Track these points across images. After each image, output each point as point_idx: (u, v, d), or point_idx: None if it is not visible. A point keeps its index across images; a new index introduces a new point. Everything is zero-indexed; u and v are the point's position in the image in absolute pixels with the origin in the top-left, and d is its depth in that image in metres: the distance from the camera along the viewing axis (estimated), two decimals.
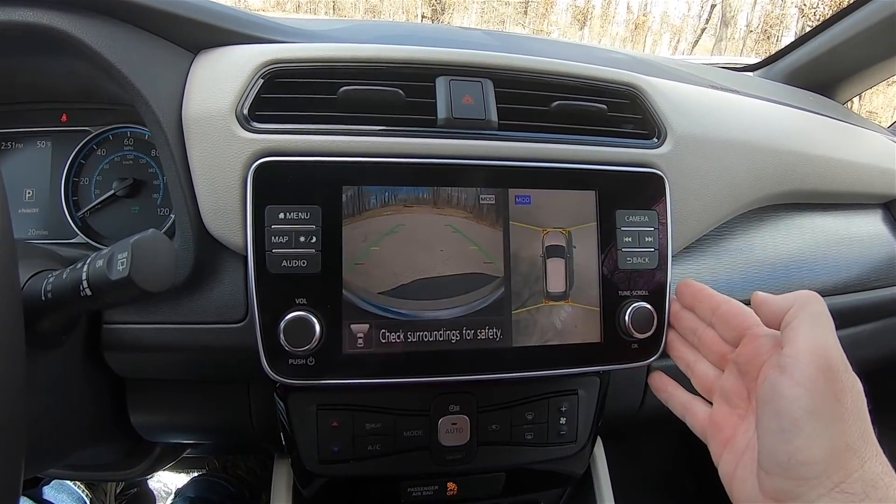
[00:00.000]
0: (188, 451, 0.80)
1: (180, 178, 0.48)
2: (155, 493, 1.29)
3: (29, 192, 0.61)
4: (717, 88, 0.78)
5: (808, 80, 1.08)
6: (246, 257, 0.46)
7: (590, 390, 0.57)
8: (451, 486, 0.56)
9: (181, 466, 1.23)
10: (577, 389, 0.56)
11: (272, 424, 0.55)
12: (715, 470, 0.45)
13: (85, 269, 0.37)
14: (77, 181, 0.61)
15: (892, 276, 0.79)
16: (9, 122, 0.61)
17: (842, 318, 0.73)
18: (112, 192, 0.59)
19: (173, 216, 0.57)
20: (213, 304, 0.49)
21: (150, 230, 0.36)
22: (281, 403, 0.52)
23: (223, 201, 0.47)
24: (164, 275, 0.36)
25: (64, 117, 0.62)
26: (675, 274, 0.58)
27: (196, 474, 1.19)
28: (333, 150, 0.47)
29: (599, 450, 0.65)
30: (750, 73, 1.14)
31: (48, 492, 1.09)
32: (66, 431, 0.51)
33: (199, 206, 0.48)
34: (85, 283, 0.37)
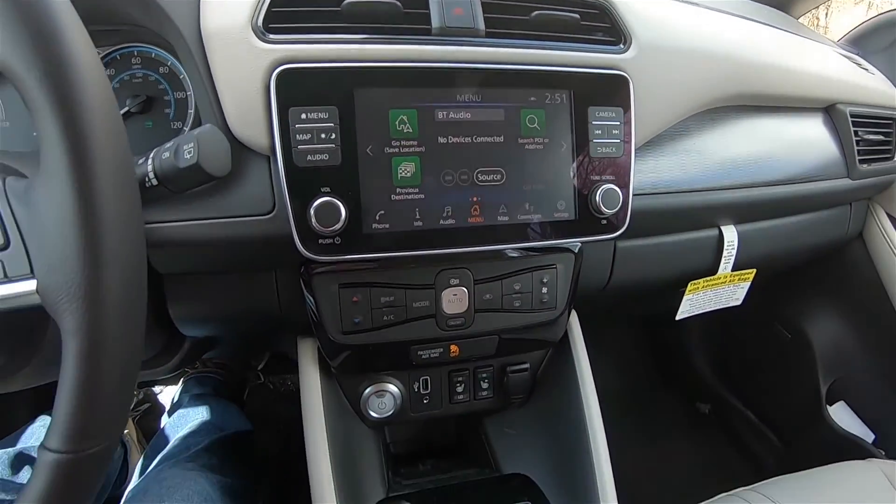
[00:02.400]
0: (208, 352, 0.89)
1: (206, 89, 0.54)
2: (164, 405, 1.38)
3: None
4: (679, 0, 0.85)
5: None
6: (273, 156, 0.53)
7: (566, 264, 0.67)
8: (453, 348, 0.66)
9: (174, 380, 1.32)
10: (555, 264, 0.66)
11: (297, 307, 0.63)
12: (671, 356, 0.55)
13: (150, 161, 0.44)
14: None
15: (829, 173, 0.90)
16: None
17: (786, 207, 0.85)
18: (126, 109, 0.63)
19: (187, 127, 0.63)
20: (243, 200, 0.55)
21: (207, 125, 0.43)
22: (307, 285, 0.60)
23: (248, 107, 0.53)
24: (225, 161, 0.43)
25: None
26: (639, 167, 0.68)
27: (182, 379, 1.28)
28: (343, 57, 0.53)
29: (575, 320, 0.76)
30: None
31: None
32: None
33: (226, 112, 0.53)
34: (151, 174, 0.44)
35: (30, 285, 0.31)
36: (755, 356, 1.45)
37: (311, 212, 0.51)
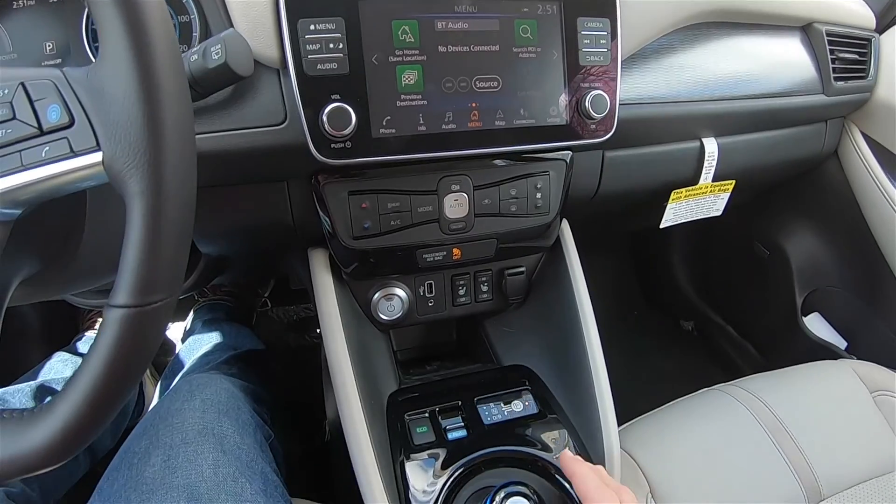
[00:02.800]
0: (217, 278, 0.94)
1: (218, 6, 0.57)
2: (172, 340, 1.44)
3: (49, 45, 0.64)
4: None
5: None
6: (284, 67, 0.56)
7: (558, 171, 0.72)
8: (455, 251, 0.72)
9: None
10: (548, 171, 0.71)
11: (308, 218, 0.68)
12: (656, 278, 0.60)
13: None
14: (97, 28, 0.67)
15: (806, 89, 0.95)
16: None
17: (764, 120, 0.90)
18: None
19: (188, 52, 0.65)
20: (256, 111, 0.58)
21: (230, 29, 0.47)
22: (319, 194, 0.65)
23: (258, 21, 0.56)
24: (249, 61, 0.47)
25: None
26: (626, 81, 0.72)
27: (193, 308, 1.33)
28: None
29: (566, 226, 0.81)
30: None
31: (81, 346, 1.22)
32: None
33: (235, 25, 0.56)
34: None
35: (96, 157, 0.36)
36: (736, 274, 1.53)
37: (324, 117, 0.55)
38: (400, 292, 0.76)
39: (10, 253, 0.42)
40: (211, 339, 1.12)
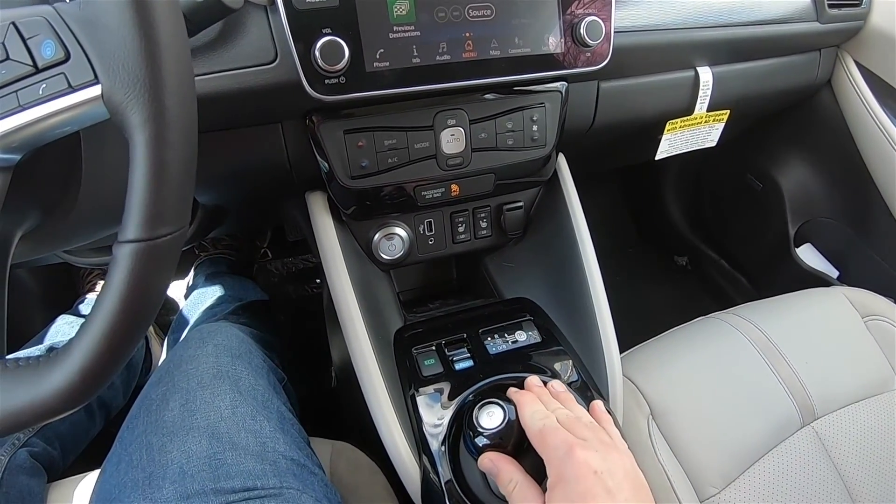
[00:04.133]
0: (215, 231, 0.93)
1: None
2: (174, 299, 1.45)
3: None
4: None
5: None
6: (272, 3, 0.55)
7: (553, 103, 0.72)
8: (454, 187, 0.72)
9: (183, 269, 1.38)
10: (544, 102, 0.71)
11: (304, 160, 0.67)
12: (650, 213, 0.58)
13: None
14: None
15: (799, 16, 0.93)
16: None
17: (758, 48, 0.88)
18: None
19: None
20: (246, 51, 0.57)
21: None
22: (314, 134, 0.64)
23: None
24: None
25: None
26: (622, 12, 0.72)
27: (195, 264, 1.34)
28: None
29: (563, 159, 0.82)
30: None
31: (83, 308, 1.23)
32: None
33: None
34: None
35: (95, 91, 0.35)
36: (728, 208, 1.54)
37: (316, 52, 0.54)
38: (400, 231, 0.76)
39: (11, 204, 0.42)
40: (215, 292, 1.13)
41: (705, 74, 0.89)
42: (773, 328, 0.87)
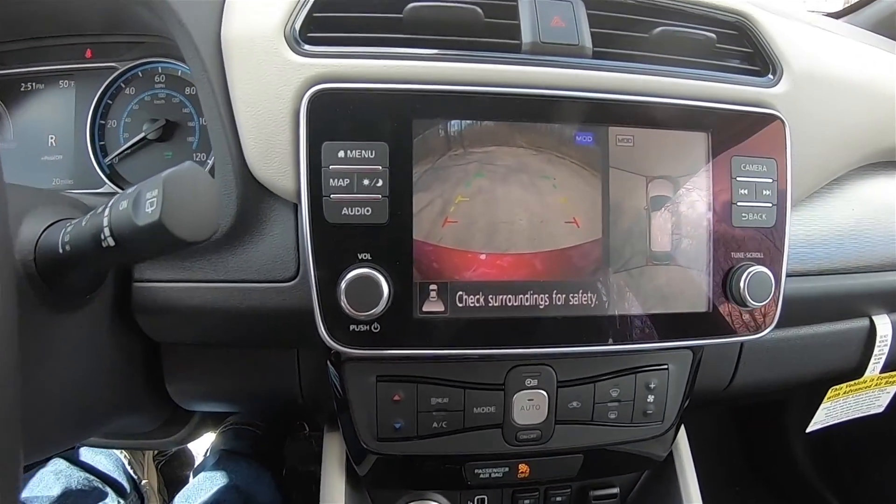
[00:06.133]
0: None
1: (220, 111, 0.41)
2: (192, 451, 1.28)
3: (52, 138, 0.56)
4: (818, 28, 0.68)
5: None
6: (298, 204, 0.40)
7: (681, 365, 0.50)
8: (522, 467, 0.50)
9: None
10: (667, 364, 0.49)
11: (324, 395, 0.49)
12: (764, 447, 0.38)
13: (107, 213, 0.30)
14: (104, 124, 0.56)
15: None
16: (28, 60, 0.56)
17: None
18: (142, 135, 0.53)
19: (211, 161, 0.51)
20: (259, 260, 0.43)
21: (187, 162, 0.29)
22: (335, 373, 0.46)
23: (271, 138, 0.40)
24: (203, 218, 0.29)
25: (89, 53, 0.56)
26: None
27: (221, 429, 1.17)
28: (400, 76, 0.40)
29: (683, 438, 0.58)
30: (833, 20, 1.03)
31: (85, 453, 1.07)
32: (97, 401, 0.46)
33: (243, 144, 0.41)
34: (107, 231, 0.30)
35: None
36: (871, 454, 1.21)
37: (342, 287, 0.37)
38: None
39: None
40: (220, 482, 0.95)
41: (884, 327, 0.65)
42: None
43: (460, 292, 0.39)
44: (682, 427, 0.59)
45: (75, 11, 0.52)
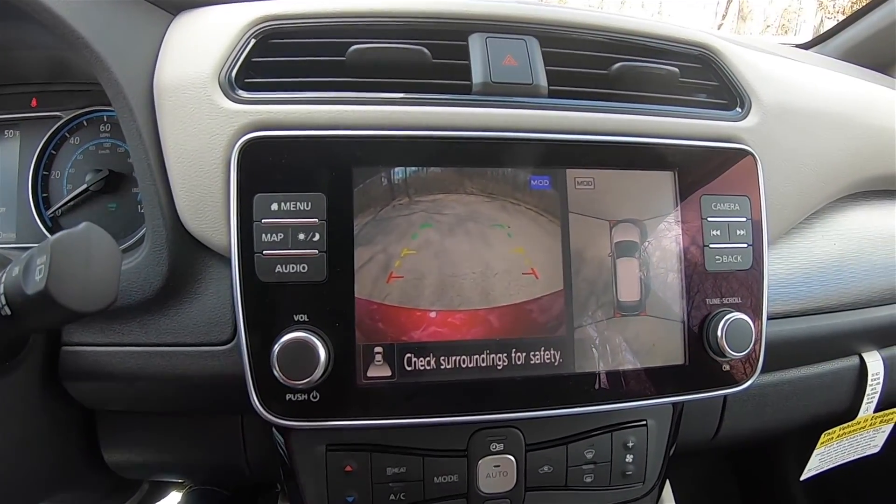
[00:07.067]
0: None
1: (150, 162, 0.38)
2: None
3: None
4: (788, 59, 0.67)
5: (868, 57, 0.97)
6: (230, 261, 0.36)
7: (661, 420, 0.47)
8: None
9: None
10: (646, 420, 0.46)
11: (273, 464, 0.45)
12: (758, 480, 0.34)
13: (3, 279, 0.27)
14: (48, 175, 0.52)
15: None
16: None
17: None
18: (85, 186, 0.50)
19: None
20: (193, 322, 0.40)
21: (83, 224, 0.26)
22: (281, 441, 0.42)
23: (203, 190, 0.37)
24: (97, 286, 0.26)
25: (34, 102, 0.54)
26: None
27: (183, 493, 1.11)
28: (341, 122, 0.37)
29: (668, 495, 0.54)
30: (804, 51, 1.03)
31: None
32: (29, 472, 0.42)
33: (174, 196, 0.38)
34: (3, 299, 0.27)
35: None
36: (872, 479, 1.15)
37: (275, 352, 0.33)
38: None
39: None
40: None
41: (875, 364, 0.62)
42: None
43: (409, 354, 0.36)
44: (668, 484, 0.55)
45: (20, 60, 0.50)
